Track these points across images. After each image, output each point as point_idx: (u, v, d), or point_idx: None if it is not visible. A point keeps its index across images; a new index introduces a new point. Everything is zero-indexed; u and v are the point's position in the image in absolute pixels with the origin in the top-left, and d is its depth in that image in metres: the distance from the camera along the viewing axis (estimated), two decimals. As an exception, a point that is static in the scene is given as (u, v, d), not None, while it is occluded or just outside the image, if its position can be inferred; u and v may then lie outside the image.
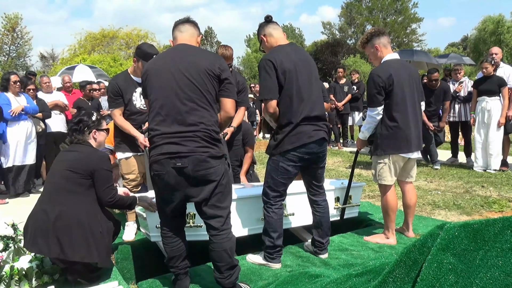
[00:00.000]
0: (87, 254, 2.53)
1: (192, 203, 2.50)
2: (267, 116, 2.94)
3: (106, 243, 2.66)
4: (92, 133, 2.81)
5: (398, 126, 3.19)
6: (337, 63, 34.41)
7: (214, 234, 2.42)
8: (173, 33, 2.58)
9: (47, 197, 2.66)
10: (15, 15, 35.53)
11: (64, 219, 2.52)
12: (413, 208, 3.52)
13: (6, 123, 5.51)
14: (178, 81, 2.34)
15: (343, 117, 9.41)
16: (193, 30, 2.58)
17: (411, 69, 3.36)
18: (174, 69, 2.37)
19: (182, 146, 2.29)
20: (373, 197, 5.01)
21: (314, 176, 3.03)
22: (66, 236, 2.49)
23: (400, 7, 42.08)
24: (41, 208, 2.60)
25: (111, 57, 27.44)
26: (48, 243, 2.48)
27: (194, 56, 2.42)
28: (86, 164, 2.63)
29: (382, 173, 3.32)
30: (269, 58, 2.79)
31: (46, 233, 2.49)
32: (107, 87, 3.83)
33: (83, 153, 2.71)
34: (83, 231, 2.54)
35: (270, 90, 2.78)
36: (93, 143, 2.83)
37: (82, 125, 2.79)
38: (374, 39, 3.31)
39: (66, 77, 7.54)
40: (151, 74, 2.43)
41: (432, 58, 11.40)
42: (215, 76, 2.37)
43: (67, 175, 2.61)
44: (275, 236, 2.93)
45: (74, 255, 2.49)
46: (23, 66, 35.63)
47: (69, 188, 2.60)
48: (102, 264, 2.64)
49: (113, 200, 2.71)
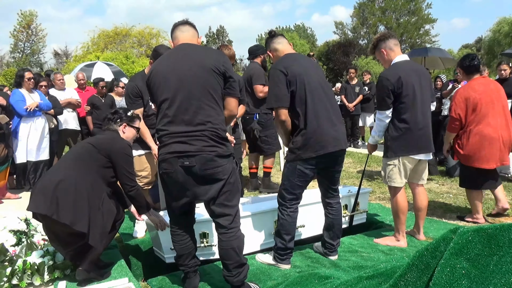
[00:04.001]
0: (78, 222, 2.51)
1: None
2: (278, 126, 2.94)
3: (102, 223, 2.64)
4: (122, 126, 2.98)
5: (408, 128, 3.17)
6: (349, 63, 34.23)
7: (223, 232, 2.43)
8: (173, 34, 2.58)
9: (61, 162, 2.83)
10: (30, 12, 36.05)
11: (66, 182, 2.59)
12: (424, 211, 3.49)
13: (20, 119, 5.58)
14: (184, 81, 2.34)
15: (354, 118, 9.35)
16: (193, 31, 2.58)
17: (421, 70, 3.33)
18: (180, 69, 2.37)
19: (190, 145, 2.30)
20: (384, 199, 4.98)
21: (330, 179, 3.02)
22: (64, 198, 2.53)
23: (414, 7, 41.66)
24: (51, 170, 2.79)
25: (124, 55, 27.64)
26: (47, 201, 2.52)
27: (199, 54, 2.42)
28: (109, 145, 2.77)
29: (392, 175, 3.30)
30: (277, 67, 2.83)
31: (47, 192, 2.56)
32: (126, 88, 3.86)
33: (109, 136, 2.89)
34: (81, 200, 2.57)
35: (279, 99, 2.80)
36: (121, 135, 2.96)
37: (116, 116, 2.98)
38: (380, 44, 3.32)
39: (80, 75, 7.60)
40: (156, 75, 2.43)
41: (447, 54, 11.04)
42: (220, 73, 2.37)
43: (88, 148, 2.76)
44: (288, 238, 2.93)
45: (65, 218, 2.49)
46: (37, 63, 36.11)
47: (84, 159, 2.72)
48: (92, 241, 2.58)
49: (134, 188, 2.81)
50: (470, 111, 3.91)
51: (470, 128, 3.94)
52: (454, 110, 3.98)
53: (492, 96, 3.95)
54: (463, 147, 3.99)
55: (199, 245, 2.98)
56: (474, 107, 3.90)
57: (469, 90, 3.96)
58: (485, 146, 3.89)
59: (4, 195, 5.36)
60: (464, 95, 3.95)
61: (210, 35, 44.67)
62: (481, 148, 3.90)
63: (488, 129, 3.88)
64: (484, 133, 3.88)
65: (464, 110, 3.93)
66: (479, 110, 3.89)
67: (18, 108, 5.49)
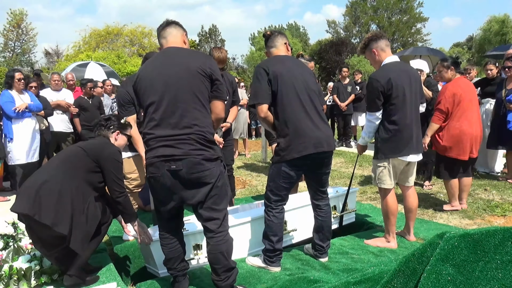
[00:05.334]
0: (59, 224, 2.48)
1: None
2: (261, 121, 2.95)
3: (85, 227, 2.60)
4: (115, 133, 2.97)
5: (398, 129, 3.18)
6: (341, 62, 34.29)
7: (211, 236, 2.42)
8: (159, 42, 2.57)
9: (48, 163, 2.83)
10: (20, 11, 35.62)
11: (51, 183, 2.57)
12: (415, 212, 3.50)
13: (10, 120, 5.51)
14: (170, 84, 2.33)
15: (346, 117, 9.36)
16: (175, 31, 2.53)
17: (411, 71, 3.34)
18: (165, 72, 2.35)
19: (176, 149, 2.28)
20: (375, 199, 4.99)
21: (318, 181, 3.02)
22: (47, 199, 2.51)
23: (405, 6, 41.84)
24: (38, 171, 2.79)
25: (115, 54, 27.46)
26: (30, 201, 2.50)
27: (184, 57, 2.40)
28: (99, 150, 2.76)
29: (382, 177, 3.30)
30: (261, 65, 2.85)
31: (31, 192, 2.53)
32: (117, 95, 3.81)
33: (100, 141, 2.89)
34: (64, 202, 2.54)
35: (258, 95, 2.81)
36: (113, 142, 2.95)
37: (109, 123, 2.97)
38: (371, 43, 3.30)
39: (69, 75, 7.53)
40: (143, 79, 2.42)
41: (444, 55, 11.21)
42: (206, 75, 2.36)
43: (77, 151, 2.76)
44: (275, 240, 2.93)
45: (46, 218, 2.46)
46: (28, 62, 35.73)
47: (72, 161, 2.71)
48: (73, 245, 2.54)
49: (122, 194, 2.79)
50: (455, 106, 4.25)
51: (450, 122, 4.29)
52: (444, 104, 4.27)
53: (471, 95, 4.40)
54: (443, 139, 4.34)
55: (192, 257, 2.97)
56: (458, 103, 4.25)
57: (456, 86, 4.28)
58: (462, 139, 4.27)
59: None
60: (453, 90, 4.26)
61: (202, 34, 44.48)
62: (459, 141, 4.28)
63: (466, 124, 4.26)
64: (462, 127, 4.25)
65: (452, 104, 4.24)
66: (461, 106, 4.26)
67: (7, 109, 5.43)
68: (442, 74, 4.45)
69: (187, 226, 2.78)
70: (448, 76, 4.38)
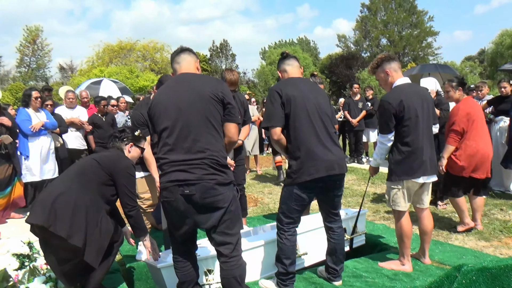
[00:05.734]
0: (74, 236, 2.49)
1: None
2: (274, 143, 2.97)
3: (99, 240, 2.61)
4: (128, 145, 3.00)
5: (411, 151, 3.17)
6: (352, 76, 34.36)
7: (224, 261, 2.42)
8: (172, 67, 2.65)
9: (63, 175, 2.85)
10: (36, 27, 36.54)
11: (66, 195, 2.59)
12: (430, 235, 3.46)
13: (27, 138, 5.61)
14: (183, 109, 2.38)
15: (357, 133, 9.33)
16: (189, 58, 2.62)
17: (423, 92, 3.33)
18: (179, 98, 2.41)
19: (190, 173, 2.31)
20: (388, 219, 4.94)
21: (331, 203, 3.01)
22: (62, 211, 2.53)
23: (416, 20, 41.91)
24: (53, 183, 2.80)
25: (128, 69, 27.87)
26: (45, 213, 2.52)
27: (196, 83, 2.47)
28: (113, 163, 2.77)
29: (396, 199, 3.28)
30: (275, 88, 2.88)
31: (46, 204, 2.56)
32: (131, 117, 3.88)
33: (114, 154, 2.90)
34: (79, 214, 2.56)
35: (272, 118, 2.83)
36: (127, 154, 2.97)
37: (123, 135, 2.99)
38: (384, 64, 3.30)
39: (84, 93, 7.66)
40: (157, 106, 2.47)
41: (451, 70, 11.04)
42: (218, 100, 2.41)
43: (91, 163, 2.78)
44: (288, 263, 2.91)
45: (61, 230, 2.47)
46: (43, 77, 36.46)
47: (86, 173, 2.73)
48: (88, 257, 2.55)
49: (134, 208, 2.81)
50: (470, 125, 4.23)
51: (467, 141, 4.25)
52: (459, 124, 4.24)
53: (481, 114, 4.41)
54: (460, 159, 4.27)
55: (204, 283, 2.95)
56: (472, 122, 4.23)
57: (468, 106, 4.28)
58: (479, 158, 4.24)
59: (9, 215, 5.37)
60: (466, 110, 4.25)
61: (213, 48, 45.03)
62: (477, 160, 4.24)
63: (481, 143, 4.26)
64: (479, 146, 4.24)
65: (466, 124, 4.22)
66: (475, 125, 4.24)
67: (24, 127, 5.53)
68: (450, 95, 4.42)
69: (199, 251, 2.78)
70: (456, 97, 4.37)
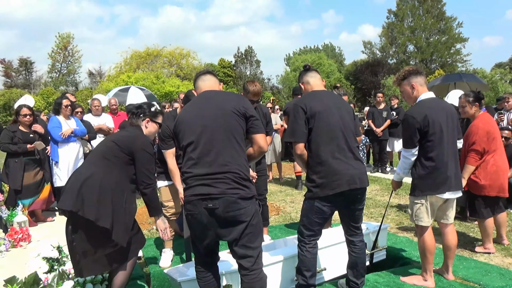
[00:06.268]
0: (101, 218, 2.62)
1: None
2: (295, 158, 3.02)
3: (126, 220, 2.74)
4: (145, 121, 3.03)
5: (435, 166, 3.14)
6: (377, 83, 33.95)
7: (245, 274, 2.47)
8: (195, 83, 2.75)
9: (87, 161, 2.93)
10: (67, 34, 37.74)
11: (92, 180, 2.70)
12: (454, 250, 3.41)
13: (57, 145, 5.83)
14: (207, 124, 2.46)
15: (381, 143, 9.23)
16: (214, 79, 2.75)
17: (448, 107, 3.30)
18: (202, 114, 2.50)
19: (213, 187, 2.38)
20: (412, 231, 4.87)
21: (352, 217, 3.02)
22: (89, 195, 2.64)
23: (444, 26, 41.11)
24: (78, 170, 2.89)
25: (154, 75, 28.38)
26: (73, 198, 2.64)
27: (219, 99, 2.56)
28: (131, 142, 2.83)
29: (419, 214, 3.25)
30: (299, 103, 2.92)
31: (74, 190, 2.68)
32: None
33: (131, 133, 2.95)
34: (105, 197, 2.67)
35: (296, 134, 2.89)
36: (144, 130, 3.02)
37: (140, 111, 3.04)
38: (411, 77, 3.29)
39: (112, 100, 7.89)
40: (182, 123, 2.56)
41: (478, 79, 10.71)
42: (241, 114, 2.49)
43: (110, 146, 2.84)
44: (308, 275, 2.94)
45: (89, 213, 2.60)
46: (73, 83, 37.59)
47: (108, 157, 2.80)
48: (116, 237, 2.66)
49: (150, 186, 2.85)
50: (490, 144, 4.12)
51: (486, 159, 4.14)
52: (479, 143, 4.11)
53: (498, 130, 4.30)
54: (480, 177, 4.15)
55: None
56: (492, 140, 4.13)
57: (486, 123, 4.16)
58: (500, 176, 4.14)
59: (39, 219, 5.58)
60: (485, 129, 4.13)
61: (238, 55, 45.37)
62: (498, 178, 4.13)
63: (501, 161, 4.17)
64: (498, 163, 4.14)
65: (486, 143, 4.11)
66: (495, 142, 4.14)
67: (54, 134, 5.74)
68: (465, 110, 4.25)
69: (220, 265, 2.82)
70: (471, 112, 4.22)
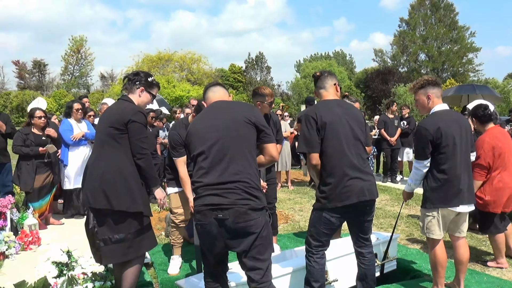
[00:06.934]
0: (132, 204, 2.70)
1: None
2: (310, 169, 2.99)
3: (145, 194, 2.84)
4: (139, 89, 2.98)
5: (448, 179, 3.11)
6: (388, 91, 33.81)
7: (254, 286, 2.44)
8: (205, 94, 2.75)
9: (95, 153, 2.92)
10: (80, 37, 38.21)
11: (109, 172, 2.73)
12: (466, 264, 3.36)
13: (68, 147, 5.88)
14: (218, 134, 2.45)
15: (394, 151, 9.17)
16: (224, 90, 2.75)
17: (461, 120, 3.27)
18: (213, 124, 2.49)
19: (223, 198, 2.36)
20: (422, 243, 4.81)
21: (360, 228, 3.00)
22: (111, 188, 2.68)
23: (456, 36, 40.89)
24: (90, 165, 2.87)
25: (165, 79, 28.52)
26: (94, 195, 2.69)
27: (229, 109, 2.56)
28: (121, 117, 2.80)
29: (430, 227, 3.21)
30: (310, 113, 2.90)
31: (93, 187, 2.72)
32: (169, 137, 4.02)
33: (120, 107, 2.89)
34: (126, 182, 2.72)
35: (309, 144, 2.87)
36: (136, 98, 2.99)
37: (136, 78, 3.01)
38: (429, 87, 3.25)
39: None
40: (193, 134, 2.55)
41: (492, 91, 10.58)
42: (251, 123, 2.48)
43: (109, 132, 2.82)
44: (317, 286, 2.91)
45: (120, 205, 2.66)
46: (85, 85, 37.99)
47: (112, 144, 2.80)
48: (146, 212, 2.79)
49: (143, 156, 2.82)
50: (496, 159, 4.02)
51: (492, 175, 4.05)
52: (484, 158, 4.02)
53: (508, 145, 4.13)
54: (485, 193, 4.06)
55: None
56: (499, 155, 4.02)
57: (494, 138, 4.05)
58: (506, 192, 4.03)
59: (49, 222, 5.61)
60: (492, 144, 4.02)
61: (249, 60, 45.54)
62: (504, 194, 4.02)
63: (507, 176, 4.04)
64: (505, 180, 4.02)
65: (492, 158, 4.01)
66: (502, 158, 4.03)
67: (65, 137, 5.80)
68: (471, 123, 4.19)
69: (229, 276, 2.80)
70: (474, 126, 4.14)
